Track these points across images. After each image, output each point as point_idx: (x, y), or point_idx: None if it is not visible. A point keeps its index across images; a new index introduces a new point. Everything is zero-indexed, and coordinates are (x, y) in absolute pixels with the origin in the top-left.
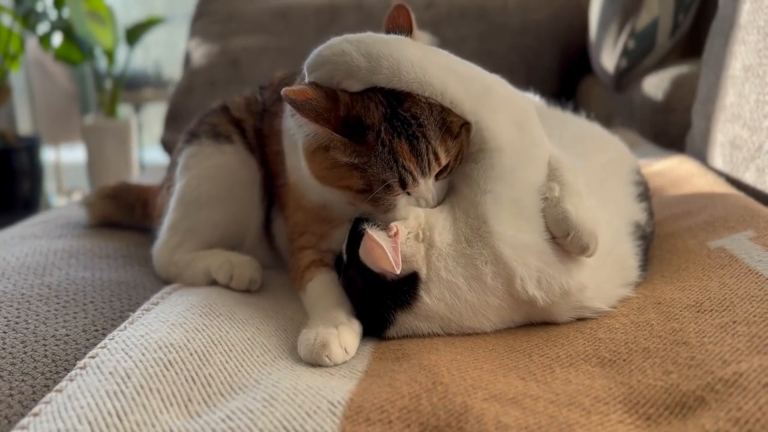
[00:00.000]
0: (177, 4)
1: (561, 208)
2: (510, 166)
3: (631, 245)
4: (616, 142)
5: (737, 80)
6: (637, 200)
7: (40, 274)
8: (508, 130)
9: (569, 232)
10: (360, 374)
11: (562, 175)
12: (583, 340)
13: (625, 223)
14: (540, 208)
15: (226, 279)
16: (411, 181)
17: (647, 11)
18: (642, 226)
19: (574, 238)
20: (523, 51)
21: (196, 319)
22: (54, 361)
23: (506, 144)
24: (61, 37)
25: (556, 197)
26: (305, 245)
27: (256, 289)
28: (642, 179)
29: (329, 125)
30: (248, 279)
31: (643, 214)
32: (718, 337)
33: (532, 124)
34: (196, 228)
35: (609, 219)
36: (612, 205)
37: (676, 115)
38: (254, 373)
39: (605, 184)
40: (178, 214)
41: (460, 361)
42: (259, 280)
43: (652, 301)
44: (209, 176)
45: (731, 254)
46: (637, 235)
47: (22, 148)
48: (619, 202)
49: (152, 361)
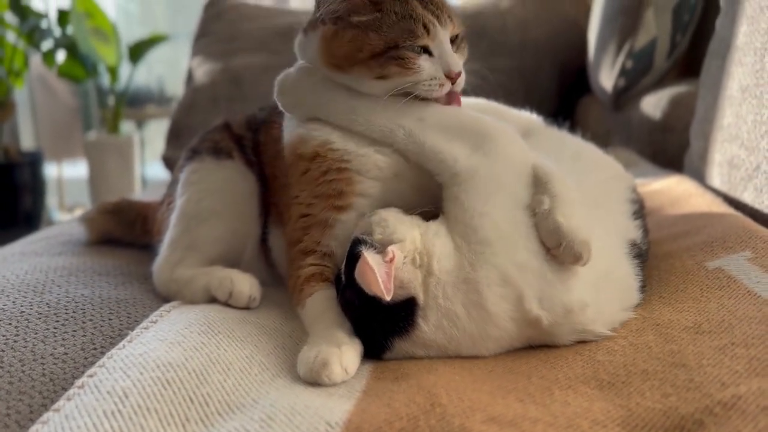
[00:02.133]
0: (180, 22)
1: (552, 219)
2: (487, 189)
3: (629, 264)
4: (612, 161)
5: (734, 101)
6: (632, 218)
7: (39, 291)
8: (466, 154)
9: (561, 242)
10: (358, 394)
11: (552, 186)
12: (582, 362)
13: (622, 242)
14: (531, 226)
15: (225, 296)
16: (432, 26)
17: (645, 31)
18: (638, 244)
19: (567, 247)
20: (521, 70)
21: (195, 337)
22: (52, 380)
23: (470, 168)
24: (64, 54)
25: (546, 209)
26: (308, 248)
27: (256, 306)
28: (638, 197)
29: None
30: (247, 296)
31: (638, 232)
32: (717, 360)
33: (496, 145)
34: (196, 244)
35: (607, 238)
36: (609, 224)
37: (674, 135)
38: (252, 392)
39: (602, 202)
40: (178, 229)
41: (458, 381)
42: (259, 298)
43: (650, 323)
44: (210, 191)
45: (729, 275)
46: (634, 253)
47: (25, 163)
48: (616, 221)
49: (150, 381)
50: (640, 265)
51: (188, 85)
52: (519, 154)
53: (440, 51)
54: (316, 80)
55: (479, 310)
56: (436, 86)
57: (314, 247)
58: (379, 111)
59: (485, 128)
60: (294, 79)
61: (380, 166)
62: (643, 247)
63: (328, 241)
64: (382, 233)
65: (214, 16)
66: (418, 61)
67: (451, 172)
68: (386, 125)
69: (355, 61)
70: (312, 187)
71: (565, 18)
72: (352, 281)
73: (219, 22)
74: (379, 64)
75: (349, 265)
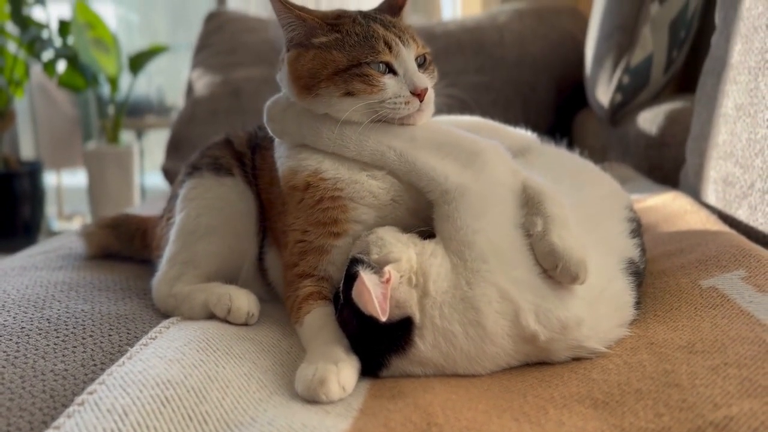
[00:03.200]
0: (180, 33)
1: (546, 240)
2: (479, 206)
3: (625, 281)
4: (609, 179)
5: (729, 119)
6: (630, 236)
7: (40, 306)
8: (456, 172)
9: (557, 264)
10: (355, 412)
11: (545, 207)
12: (577, 380)
13: (618, 260)
14: (525, 243)
15: (224, 313)
16: (394, 44)
17: (642, 47)
18: (636, 263)
19: (563, 268)
20: (518, 84)
21: (193, 354)
22: (52, 396)
23: (461, 186)
24: (65, 64)
25: (541, 231)
26: (305, 272)
27: (254, 322)
28: (635, 216)
29: (310, 14)
30: (246, 312)
31: (636, 251)
32: (710, 380)
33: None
34: (194, 260)
35: (602, 256)
36: (606, 242)
37: (670, 150)
38: (250, 410)
39: (599, 220)
40: (177, 245)
41: (455, 401)
42: (257, 314)
43: (644, 341)
44: (209, 208)
45: (723, 294)
46: (631, 271)
47: (25, 172)
48: (613, 239)
49: (149, 398)
50: (637, 283)
51: (188, 97)
52: (509, 172)
53: (404, 69)
54: (303, 108)
55: (477, 328)
56: (402, 104)
57: (311, 272)
58: (369, 134)
59: (475, 146)
60: (283, 105)
61: (374, 192)
62: (641, 266)
63: (324, 266)
64: (379, 253)
65: (214, 29)
66: (382, 79)
67: (441, 189)
68: (377, 148)
69: (320, 77)
70: (307, 215)
71: (562, 33)
72: (350, 300)
73: (219, 35)
74: (344, 80)
75: (346, 284)
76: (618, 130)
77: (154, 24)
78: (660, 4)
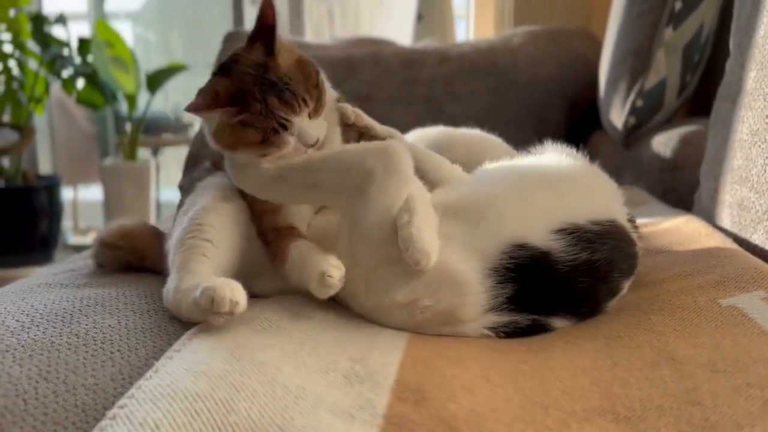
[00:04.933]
0: (197, 52)
1: (406, 229)
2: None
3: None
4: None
5: (744, 144)
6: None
7: (68, 321)
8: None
9: (408, 248)
10: (380, 419)
11: (414, 205)
12: (599, 394)
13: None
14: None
15: (208, 304)
16: (287, 123)
17: (655, 71)
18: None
19: (410, 252)
20: (532, 105)
21: (219, 365)
22: (84, 410)
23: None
24: (83, 82)
25: (404, 222)
26: (271, 225)
27: (240, 311)
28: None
29: (222, 105)
30: (229, 300)
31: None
32: (732, 399)
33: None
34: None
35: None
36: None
37: (684, 173)
38: (277, 419)
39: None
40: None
41: (478, 413)
42: (243, 302)
43: (665, 357)
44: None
45: (743, 313)
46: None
47: (43, 187)
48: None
49: (179, 412)
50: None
51: None
52: (398, 188)
53: (298, 131)
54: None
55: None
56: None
57: (276, 222)
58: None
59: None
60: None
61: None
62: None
63: (284, 219)
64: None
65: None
66: (286, 139)
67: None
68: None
69: (239, 146)
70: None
71: (574, 55)
72: None
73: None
74: (259, 147)
75: None
76: (632, 153)
77: (171, 43)
78: (674, 29)
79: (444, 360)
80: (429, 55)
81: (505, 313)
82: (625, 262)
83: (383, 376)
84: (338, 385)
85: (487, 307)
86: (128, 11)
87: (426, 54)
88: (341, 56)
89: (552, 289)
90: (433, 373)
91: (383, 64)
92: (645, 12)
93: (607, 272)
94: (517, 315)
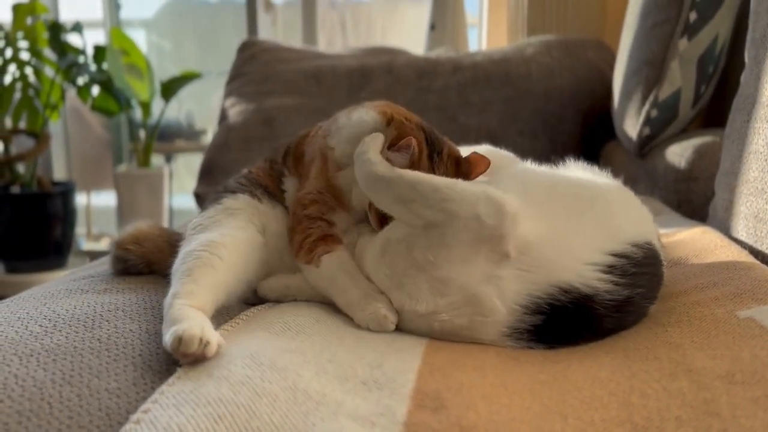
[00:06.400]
0: (210, 60)
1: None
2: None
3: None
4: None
5: (760, 156)
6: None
7: (90, 326)
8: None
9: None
10: (400, 427)
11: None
12: (617, 404)
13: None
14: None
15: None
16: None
17: (670, 82)
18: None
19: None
20: (546, 116)
21: (240, 371)
22: (108, 414)
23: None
24: (99, 89)
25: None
26: (315, 215)
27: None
28: None
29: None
30: (198, 339)
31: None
32: (751, 411)
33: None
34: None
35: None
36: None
37: (698, 184)
38: (300, 424)
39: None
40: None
41: (498, 422)
42: (214, 343)
43: (683, 368)
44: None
45: (761, 325)
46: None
47: (57, 193)
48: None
49: (203, 417)
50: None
51: (221, 124)
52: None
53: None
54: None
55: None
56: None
57: (322, 216)
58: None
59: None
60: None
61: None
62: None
63: (333, 218)
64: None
65: (248, 58)
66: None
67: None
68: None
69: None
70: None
71: (588, 66)
72: None
73: (253, 64)
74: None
75: None
76: (646, 164)
77: (185, 51)
78: (688, 40)
79: (462, 367)
80: (442, 65)
81: (524, 342)
82: (656, 290)
83: (402, 383)
84: (357, 391)
85: (507, 333)
86: (143, 19)
87: (439, 63)
88: (355, 65)
89: (581, 325)
90: (451, 381)
91: (396, 73)
92: (659, 23)
93: (640, 306)
94: (534, 344)
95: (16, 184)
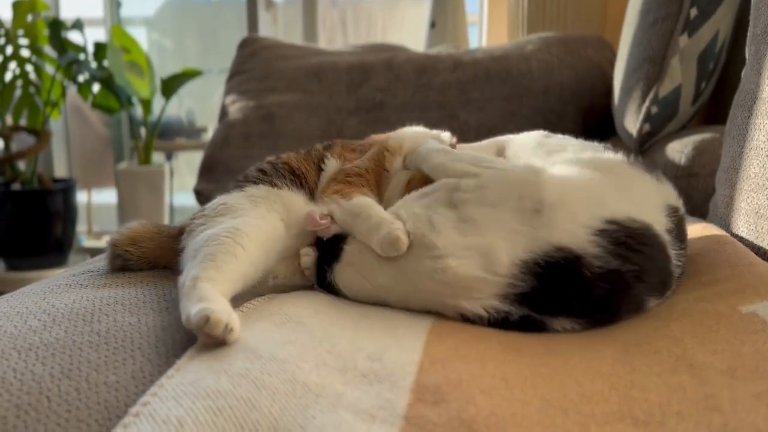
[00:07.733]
0: (211, 57)
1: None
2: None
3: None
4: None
5: (761, 152)
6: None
7: (89, 320)
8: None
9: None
10: (401, 420)
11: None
12: (618, 398)
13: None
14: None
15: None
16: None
17: (670, 79)
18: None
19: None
20: (546, 113)
21: (239, 363)
22: (107, 408)
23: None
24: (99, 86)
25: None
26: (355, 182)
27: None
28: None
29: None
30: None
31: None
32: (752, 406)
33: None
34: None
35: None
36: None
37: (698, 180)
38: (299, 417)
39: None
40: None
41: (498, 416)
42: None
43: (684, 363)
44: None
45: (764, 320)
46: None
47: (58, 190)
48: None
49: (202, 409)
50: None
51: (221, 121)
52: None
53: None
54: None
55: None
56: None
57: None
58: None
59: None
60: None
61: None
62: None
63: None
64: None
65: (249, 55)
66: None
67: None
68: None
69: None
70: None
71: (589, 63)
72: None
73: (253, 61)
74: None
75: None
76: (646, 160)
77: (185, 48)
78: (689, 36)
79: (462, 359)
80: (442, 62)
81: (508, 304)
82: (654, 277)
83: (402, 376)
84: (357, 384)
85: (498, 292)
86: (144, 17)
87: (439, 60)
88: (355, 62)
89: (567, 291)
90: (452, 374)
91: (397, 70)
92: (660, 19)
93: (633, 288)
94: (517, 308)
95: (16, 182)
